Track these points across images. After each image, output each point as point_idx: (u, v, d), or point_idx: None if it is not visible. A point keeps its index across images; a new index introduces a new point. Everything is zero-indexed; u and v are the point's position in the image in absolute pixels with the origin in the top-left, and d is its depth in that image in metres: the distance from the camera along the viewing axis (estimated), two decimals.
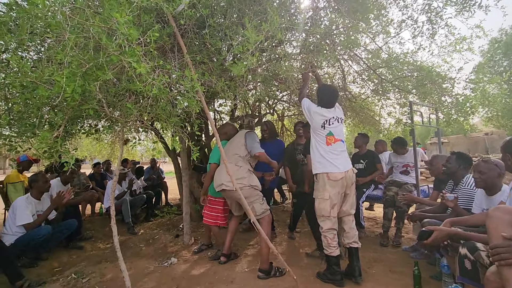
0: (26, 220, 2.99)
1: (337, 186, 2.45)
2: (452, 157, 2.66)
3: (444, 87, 3.48)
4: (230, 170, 2.38)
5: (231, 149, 2.92)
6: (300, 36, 3.17)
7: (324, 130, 2.55)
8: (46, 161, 4.42)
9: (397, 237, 3.48)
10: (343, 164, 2.51)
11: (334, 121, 2.58)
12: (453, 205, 2.31)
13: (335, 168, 2.46)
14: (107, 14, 1.49)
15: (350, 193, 2.56)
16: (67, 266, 3.10)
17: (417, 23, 3.18)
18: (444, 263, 2.18)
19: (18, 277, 2.51)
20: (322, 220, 2.51)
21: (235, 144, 2.95)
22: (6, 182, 4.23)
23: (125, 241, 3.83)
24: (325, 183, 2.46)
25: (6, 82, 1.86)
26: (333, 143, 2.54)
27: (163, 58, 2.26)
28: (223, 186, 2.73)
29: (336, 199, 2.45)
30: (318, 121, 2.56)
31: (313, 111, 2.59)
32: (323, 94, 2.65)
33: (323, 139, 2.54)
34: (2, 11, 2.10)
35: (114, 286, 2.56)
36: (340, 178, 2.45)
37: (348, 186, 2.52)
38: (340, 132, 2.62)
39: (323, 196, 2.47)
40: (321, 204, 2.48)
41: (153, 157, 6.76)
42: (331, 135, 2.55)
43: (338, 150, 2.54)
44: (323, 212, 2.48)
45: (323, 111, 2.58)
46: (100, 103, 1.85)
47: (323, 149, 2.53)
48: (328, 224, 2.47)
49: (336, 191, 2.45)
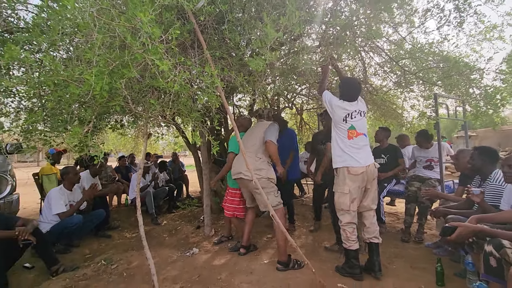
0: (61, 209, 3.22)
1: (357, 180, 2.42)
2: (475, 153, 2.52)
3: (472, 78, 3.31)
4: (249, 160, 2.48)
5: (251, 140, 2.95)
6: (320, 29, 3.12)
7: (346, 124, 2.51)
8: (76, 154, 4.68)
9: (419, 233, 3.40)
10: (364, 158, 2.47)
11: (357, 115, 2.53)
12: (479, 200, 2.21)
13: (356, 162, 2.42)
14: (131, 14, 1.55)
15: (371, 188, 2.53)
16: (97, 253, 3.31)
17: (444, 11, 3.03)
18: (468, 261, 2.12)
19: (54, 262, 2.71)
20: (341, 213, 2.50)
21: (256, 135, 2.96)
22: (41, 174, 4.53)
23: (149, 231, 4.00)
24: (345, 177, 2.44)
25: (40, 80, 1.99)
26: (355, 137, 2.49)
27: (184, 55, 2.32)
28: (241, 175, 2.77)
29: (356, 193, 2.43)
30: (340, 114, 2.52)
31: (334, 105, 2.55)
32: (345, 87, 2.60)
33: (345, 133, 2.50)
34: (35, 13, 2.24)
35: (140, 273, 2.70)
36: (361, 172, 2.41)
37: (369, 180, 2.48)
38: (363, 126, 2.57)
39: (342, 190, 2.45)
40: (341, 198, 2.47)
41: (174, 151, 6.96)
42: (353, 129, 2.50)
43: (360, 144, 2.49)
44: (342, 206, 2.47)
45: (345, 105, 2.53)
46: (125, 99, 1.94)
47: (344, 143, 2.49)
48: (347, 218, 2.46)
49: (356, 186, 2.42)
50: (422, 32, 3.42)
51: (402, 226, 3.64)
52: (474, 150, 2.58)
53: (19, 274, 2.75)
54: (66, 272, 2.70)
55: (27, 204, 6.38)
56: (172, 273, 2.68)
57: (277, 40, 2.33)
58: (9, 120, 2.61)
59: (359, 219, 2.53)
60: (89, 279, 2.62)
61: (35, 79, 1.95)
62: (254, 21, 2.41)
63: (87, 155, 2.69)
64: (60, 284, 2.49)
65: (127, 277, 2.65)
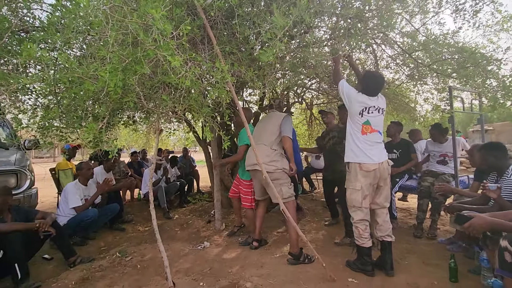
0: (77, 203, 3.33)
1: (369, 177, 2.38)
2: (483, 152, 2.43)
3: (489, 69, 3.19)
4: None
5: (265, 132, 2.92)
6: (330, 21, 3.07)
7: (361, 118, 2.44)
8: (90, 150, 4.80)
9: (432, 229, 3.35)
10: (378, 155, 2.42)
11: (374, 111, 2.46)
12: (496, 195, 2.14)
13: (368, 159, 2.38)
14: (143, 11, 1.57)
15: (384, 186, 2.48)
16: (112, 245, 3.41)
17: (459, 0, 2.93)
18: (483, 257, 2.08)
19: (72, 253, 2.82)
20: (353, 210, 2.47)
21: (270, 127, 2.93)
22: (57, 169, 4.68)
23: (162, 225, 4.09)
24: (357, 173, 2.40)
25: (55, 78, 2.05)
26: (368, 133, 2.44)
27: (194, 50, 2.33)
28: (256, 167, 2.74)
29: (368, 190, 2.39)
30: (356, 107, 2.45)
31: (352, 97, 2.46)
32: (368, 81, 2.50)
33: (359, 127, 2.45)
34: (50, 12, 2.29)
35: (153, 265, 2.77)
36: (373, 169, 2.37)
37: (382, 178, 2.44)
38: (379, 123, 2.50)
39: (354, 186, 2.41)
40: (353, 194, 2.44)
41: (185, 146, 7.04)
42: (368, 124, 2.44)
43: (372, 140, 2.44)
44: (354, 203, 2.43)
45: (364, 98, 2.45)
46: (138, 95, 1.97)
47: (357, 138, 2.44)
48: (359, 215, 2.42)
49: (368, 182, 2.39)
50: (437, 23, 3.33)
51: (415, 222, 3.59)
52: (480, 150, 2.48)
53: (39, 264, 2.87)
54: (83, 264, 2.80)
55: (44, 198, 6.60)
56: (184, 266, 2.73)
57: (287, 33, 2.31)
58: (27, 117, 2.70)
59: (372, 217, 2.50)
60: (105, 270, 2.71)
61: (51, 77, 2.01)
62: (264, 14, 2.40)
63: (101, 151, 2.76)
64: (78, 275, 2.58)
65: (141, 269, 2.72)
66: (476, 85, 3.53)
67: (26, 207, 3.15)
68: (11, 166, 3.32)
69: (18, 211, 2.69)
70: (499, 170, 2.42)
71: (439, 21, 3.32)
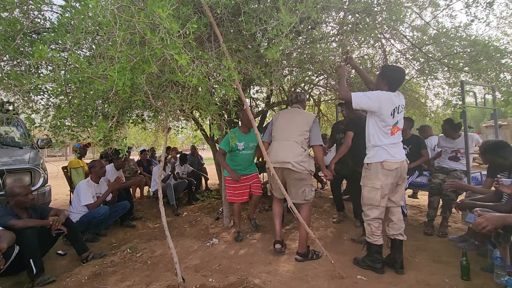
0: (89, 201, 3.41)
1: (391, 176, 2.33)
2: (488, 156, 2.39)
3: (502, 62, 3.10)
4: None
5: (293, 129, 2.79)
6: (337, 16, 3.03)
7: (393, 119, 2.34)
8: (101, 148, 4.89)
9: (443, 227, 3.29)
10: (400, 153, 2.38)
11: (402, 109, 2.40)
12: (510, 191, 2.09)
13: (391, 157, 2.33)
14: (150, 10, 1.58)
15: (402, 184, 2.45)
16: (123, 242, 3.48)
17: None
18: (497, 255, 2.03)
19: (84, 249, 2.89)
20: (369, 208, 2.41)
21: (301, 126, 2.80)
22: (69, 167, 4.79)
23: (171, 222, 4.14)
24: (377, 172, 2.34)
25: (66, 78, 2.09)
26: (395, 133, 2.38)
27: (201, 48, 2.34)
28: (288, 165, 2.65)
29: (387, 189, 2.34)
30: (388, 108, 2.32)
31: (383, 98, 2.32)
32: (391, 75, 2.39)
33: (389, 129, 2.35)
34: (59, 13, 2.33)
35: (163, 261, 2.82)
36: (395, 168, 2.33)
37: (401, 176, 2.40)
38: (402, 121, 2.44)
39: (373, 185, 2.35)
40: (371, 192, 2.37)
41: (193, 144, 7.10)
42: (396, 125, 2.36)
43: (398, 139, 2.40)
44: (372, 201, 2.37)
45: (393, 98, 2.36)
46: (146, 94, 1.99)
47: (383, 139, 2.36)
48: (375, 213, 2.38)
49: (389, 181, 2.33)
50: (448, 15, 3.24)
51: (425, 219, 3.54)
52: (485, 154, 2.42)
53: (53, 260, 2.96)
54: (95, 259, 2.87)
55: (57, 196, 6.77)
56: (194, 262, 2.77)
57: (294, 29, 2.29)
58: (39, 117, 2.77)
59: (386, 215, 2.46)
60: (116, 265, 2.77)
61: (62, 77, 2.05)
62: (270, 11, 2.39)
63: (111, 149, 2.81)
64: (90, 270, 2.65)
65: (151, 265, 2.77)
66: (489, 79, 3.43)
67: (41, 204, 3.24)
68: (25, 165, 3.41)
69: (34, 208, 2.77)
70: (510, 167, 2.37)
71: (450, 14, 3.23)
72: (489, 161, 2.40)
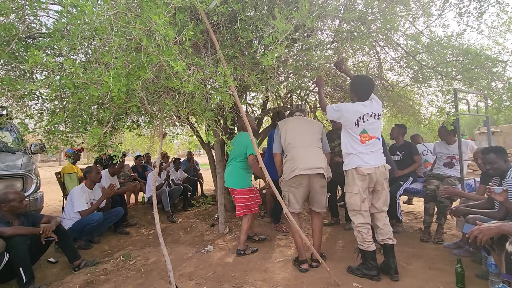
0: (82, 207, 3.36)
1: (365, 180, 2.41)
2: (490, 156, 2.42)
3: (494, 71, 3.16)
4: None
5: (311, 136, 2.77)
6: (333, 25, 3.08)
7: (357, 128, 2.44)
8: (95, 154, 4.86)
9: (439, 233, 3.30)
10: (374, 159, 2.43)
11: (369, 118, 2.44)
12: (502, 198, 2.11)
13: (364, 163, 2.40)
14: (146, 16, 1.59)
15: (382, 190, 2.47)
16: (116, 249, 3.42)
17: (463, 1, 2.91)
18: (491, 262, 2.04)
19: (76, 257, 2.83)
20: (353, 214, 2.47)
21: (314, 133, 2.80)
22: (63, 173, 4.73)
23: (165, 228, 4.10)
24: (354, 177, 2.43)
25: (61, 83, 2.08)
26: (367, 141, 2.44)
27: (197, 55, 2.35)
28: (321, 170, 2.63)
29: (365, 193, 2.41)
30: (351, 118, 2.44)
31: (344, 109, 2.46)
32: (358, 85, 2.53)
33: (357, 138, 2.44)
34: (55, 19, 2.33)
35: (157, 269, 2.77)
36: (368, 173, 2.39)
37: (378, 182, 2.44)
38: (376, 129, 2.48)
39: (352, 190, 2.44)
40: (352, 198, 2.45)
41: (189, 150, 7.06)
42: (365, 133, 2.44)
43: (372, 148, 2.44)
44: (354, 207, 2.44)
45: (357, 106, 2.45)
46: (141, 100, 1.99)
47: (355, 148, 2.45)
48: (360, 218, 2.42)
49: (365, 186, 2.41)
50: (441, 25, 3.31)
51: (420, 226, 3.55)
52: (489, 152, 2.45)
53: (44, 268, 2.90)
54: (87, 267, 2.81)
55: (50, 202, 6.67)
56: (188, 270, 2.73)
57: (290, 36, 2.32)
58: (33, 122, 2.74)
59: (372, 221, 2.49)
60: (109, 273, 2.72)
61: (56, 82, 2.04)
62: (266, 18, 2.41)
63: (106, 155, 2.78)
64: (82, 278, 2.60)
65: (145, 272, 2.72)
66: (481, 87, 3.49)
67: (33, 211, 3.18)
68: (17, 170, 3.36)
69: (26, 215, 2.72)
70: (501, 173, 2.40)
71: (443, 23, 3.31)
72: (490, 161, 2.42)
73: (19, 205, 2.56)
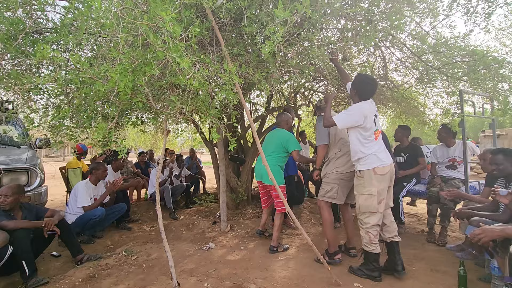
0: (86, 202, 3.39)
1: (385, 180, 2.36)
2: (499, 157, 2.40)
3: (500, 72, 3.14)
4: None
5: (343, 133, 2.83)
6: (338, 23, 3.06)
7: (374, 126, 2.42)
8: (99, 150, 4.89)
9: (442, 236, 3.28)
10: (387, 156, 2.42)
11: (377, 113, 2.50)
12: (507, 201, 2.10)
13: (381, 162, 2.36)
14: (153, 13, 1.59)
15: (391, 186, 2.49)
16: (118, 244, 3.44)
17: (471, 2, 2.88)
18: (494, 265, 2.02)
19: (79, 251, 2.85)
20: (367, 216, 2.39)
21: (344, 132, 2.78)
22: (67, 168, 4.76)
23: (167, 225, 4.11)
24: (371, 179, 2.36)
25: (67, 78, 2.09)
26: (378, 137, 2.44)
27: (202, 52, 2.35)
28: None
29: (383, 194, 2.36)
30: (370, 118, 2.40)
31: (365, 109, 2.38)
32: (363, 84, 2.48)
33: (373, 135, 2.41)
34: (62, 14, 2.34)
35: (158, 265, 2.79)
36: (387, 171, 2.36)
37: (391, 179, 2.45)
38: (380, 123, 2.54)
39: (370, 192, 2.36)
40: (368, 200, 2.37)
41: (192, 147, 7.08)
42: (377, 130, 2.45)
43: (382, 142, 2.46)
44: (370, 208, 2.36)
45: (368, 104, 2.45)
46: (146, 96, 2.00)
47: (369, 146, 2.39)
48: (374, 219, 2.36)
49: (384, 186, 2.36)
50: (447, 26, 3.29)
51: (422, 227, 3.54)
52: (498, 154, 2.43)
53: (47, 261, 2.92)
54: (90, 261, 2.83)
55: (54, 196, 6.72)
56: (189, 266, 2.74)
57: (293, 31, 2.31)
58: (38, 116, 2.76)
59: None
60: (111, 268, 2.74)
61: (62, 77, 2.05)
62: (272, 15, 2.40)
63: (110, 150, 2.80)
64: (84, 272, 2.61)
65: (146, 268, 2.74)
66: (487, 89, 3.46)
67: (37, 205, 3.21)
68: (22, 164, 3.39)
69: (29, 209, 2.74)
70: (508, 176, 2.38)
71: (449, 24, 3.28)
72: (496, 162, 2.40)
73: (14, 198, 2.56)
